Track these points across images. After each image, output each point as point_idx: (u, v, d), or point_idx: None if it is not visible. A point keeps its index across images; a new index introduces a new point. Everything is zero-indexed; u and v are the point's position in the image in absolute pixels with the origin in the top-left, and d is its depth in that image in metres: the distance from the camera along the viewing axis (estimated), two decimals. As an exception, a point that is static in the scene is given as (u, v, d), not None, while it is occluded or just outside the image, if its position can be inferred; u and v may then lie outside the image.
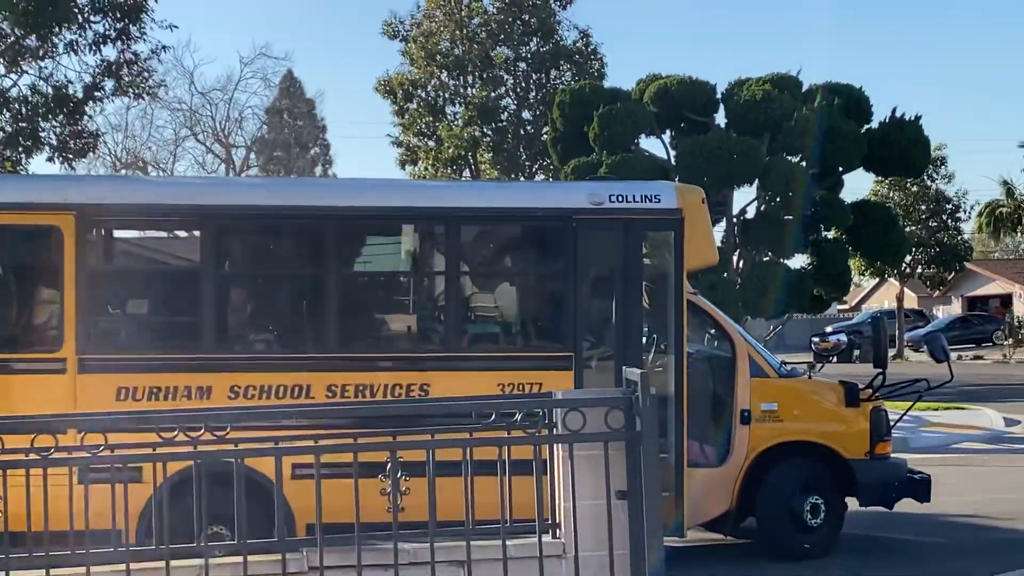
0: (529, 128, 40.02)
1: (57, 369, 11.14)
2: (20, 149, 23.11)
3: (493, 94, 40.00)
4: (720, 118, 29.07)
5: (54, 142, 23.69)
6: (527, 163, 40.15)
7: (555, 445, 7.23)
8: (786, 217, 27.47)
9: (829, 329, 41.17)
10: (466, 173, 40.76)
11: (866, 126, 28.52)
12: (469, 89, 40.55)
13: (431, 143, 40.96)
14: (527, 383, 11.64)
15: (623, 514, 7.13)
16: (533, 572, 6.99)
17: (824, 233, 28.91)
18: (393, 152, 42.10)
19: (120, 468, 6.69)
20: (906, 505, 13.27)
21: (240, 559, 6.75)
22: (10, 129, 23.19)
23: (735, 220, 28.89)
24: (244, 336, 12.26)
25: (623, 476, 7.13)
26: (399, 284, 13.34)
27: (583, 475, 7.08)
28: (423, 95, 40.92)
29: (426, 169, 40.82)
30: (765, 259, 28.06)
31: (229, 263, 12.84)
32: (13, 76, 24.68)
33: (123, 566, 6.62)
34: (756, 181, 27.45)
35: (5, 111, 23.21)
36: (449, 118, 40.66)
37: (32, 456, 6.55)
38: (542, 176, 39.66)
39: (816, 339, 14.12)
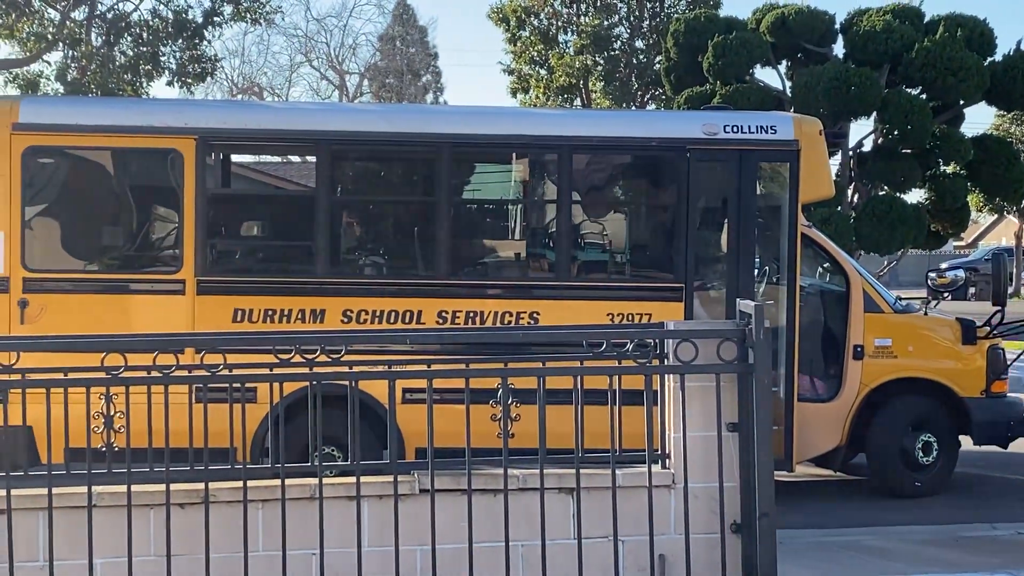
0: (642, 57, 39.64)
1: (176, 290, 11.36)
2: (141, 73, 23.43)
3: (606, 22, 39.65)
4: (838, 49, 28.53)
5: (173, 67, 23.99)
6: (639, 92, 39.78)
7: (666, 376, 7.23)
8: (904, 151, 26.96)
9: (945, 265, 40.52)
10: (577, 102, 40.53)
11: (989, 59, 27.78)
12: (582, 17, 40.22)
13: (543, 71, 40.77)
14: (636, 314, 11.62)
15: (733, 446, 7.12)
16: (642, 501, 7.03)
17: (943, 168, 28.32)
18: (504, 80, 41.96)
19: (237, 388, 6.83)
20: (1021, 445, 13.06)
21: (352, 479, 6.87)
22: (131, 54, 23.52)
23: (851, 153, 28.42)
24: (357, 261, 12.39)
25: (734, 408, 7.12)
26: (510, 212, 13.36)
27: (694, 406, 7.08)
28: (536, 23, 40.68)
29: (537, 97, 40.65)
30: (881, 193, 27.59)
31: (344, 188, 12.96)
32: (134, 1, 25.02)
33: (239, 483, 6.77)
34: (874, 114, 26.97)
35: (126, 36, 23.53)
36: (561, 46, 40.40)
37: (154, 374, 6.71)
38: (654, 106, 39.30)
39: (933, 275, 13.94)
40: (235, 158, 15.76)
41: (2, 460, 6.68)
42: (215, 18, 24.59)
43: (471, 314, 11.62)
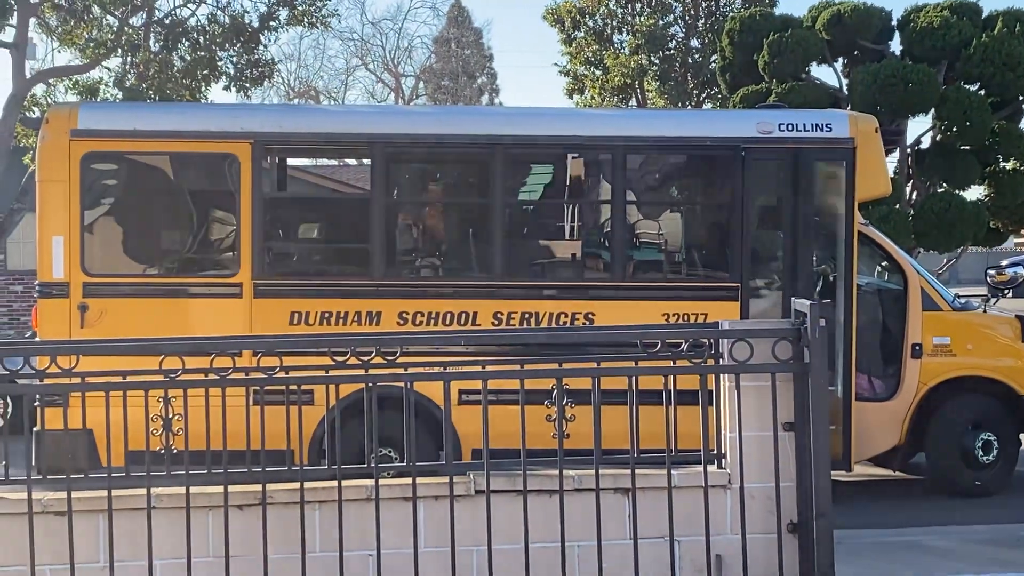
0: (697, 56, 39.45)
1: (233, 293, 11.45)
2: (199, 78, 23.62)
3: (661, 22, 39.50)
4: (895, 45, 28.25)
5: (231, 71, 24.16)
6: (695, 92, 39.60)
7: (721, 376, 7.21)
8: (963, 148, 26.67)
9: (1005, 263, 40.02)
10: (632, 102, 40.43)
11: (1050, 53, 27.38)
12: (637, 17, 40.10)
13: (598, 72, 40.69)
14: (692, 314, 11.59)
15: (790, 446, 7.09)
16: (697, 502, 7.01)
17: (1002, 164, 27.95)
18: (560, 81, 41.92)
19: (294, 390, 6.88)
20: (1083, 444, 12.92)
21: (408, 480, 6.89)
22: (189, 59, 23.70)
23: (909, 150, 28.17)
24: (413, 263, 12.44)
25: (790, 408, 7.09)
26: (565, 213, 13.35)
27: (749, 406, 7.05)
28: (591, 23, 40.61)
29: (593, 98, 40.56)
30: (940, 190, 27.31)
31: (399, 190, 13.01)
32: (192, 6, 25.22)
33: (296, 484, 6.82)
34: (932, 111, 26.70)
35: (184, 41, 23.73)
36: (616, 46, 40.31)
37: (211, 376, 6.77)
38: (710, 105, 39.14)
39: (992, 272, 13.77)
40: (291, 162, 15.87)
41: (64, 463, 6.76)
42: (271, 22, 24.75)
43: (526, 315, 11.64)
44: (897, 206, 25.23)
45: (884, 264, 13.07)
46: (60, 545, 6.61)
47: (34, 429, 9.31)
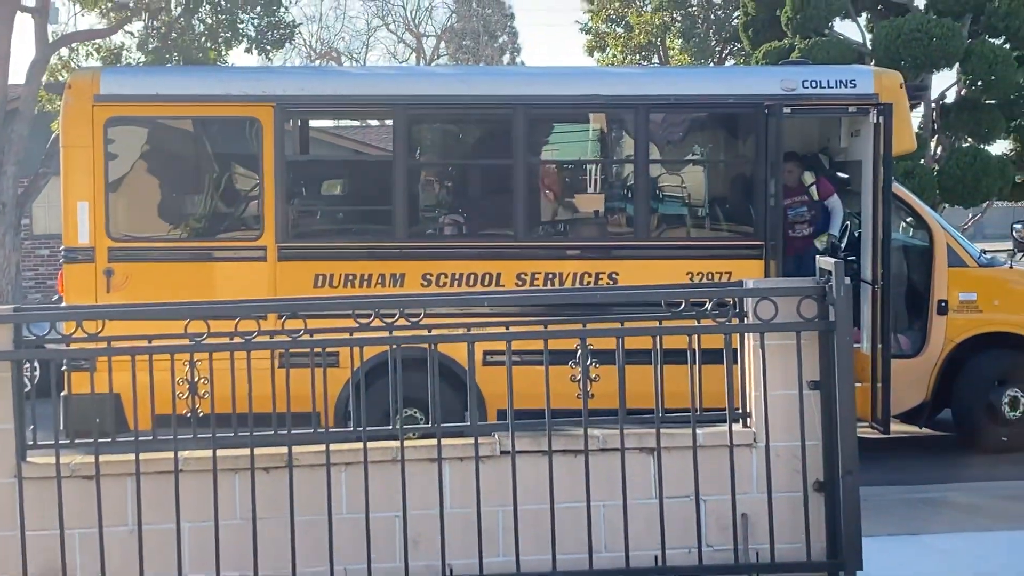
0: (720, 12, 39.23)
1: (257, 257, 11.47)
2: (220, 41, 23.56)
3: (684, -22, 39.25)
4: (919, 0, 28.08)
5: (252, 34, 24.06)
6: (717, 49, 39.39)
7: (746, 334, 7.19)
8: (988, 102, 26.48)
9: (1032, 218, 39.73)
10: (655, 60, 40.22)
11: (1077, 5, 27.12)
12: (659, -27, 39.84)
13: (620, 29, 40.48)
14: (716, 272, 11.56)
15: (815, 404, 7.08)
16: (723, 461, 7.02)
17: (1028, 118, 27.77)
18: (582, 39, 41.56)
19: (319, 352, 6.90)
20: (1111, 399, 12.83)
21: (434, 442, 6.92)
22: (210, 21, 23.64)
23: (934, 105, 27.98)
24: (436, 224, 12.43)
25: (815, 366, 7.07)
26: (588, 173, 13.31)
27: (774, 365, 7.04)
28: (613, -20, 40.36)
29: (615, 56, 40.37)
30: (965, 145, 27.13)
31: (421, 152, 12.98)
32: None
33: (322, 446, 6.85)
34: (956, 65, 26.51)
35: (205, 4, 23.66)
36: (639, 3, 40.08)
37: (236, 340, 6.80)
38: (733, 61, 38.91)
39: (1018, 226, 13.66)
40: (314, 124, 15.84)
41: (91, 427, 6.80)
42: (293, -16, 24.70)
43: (550, 275, 11.62)
44: (922, 161, 25.11)
45: (909, 220, 13.00)
46: (88, 509, 6.66)
47: (61, 394, 9.41)
